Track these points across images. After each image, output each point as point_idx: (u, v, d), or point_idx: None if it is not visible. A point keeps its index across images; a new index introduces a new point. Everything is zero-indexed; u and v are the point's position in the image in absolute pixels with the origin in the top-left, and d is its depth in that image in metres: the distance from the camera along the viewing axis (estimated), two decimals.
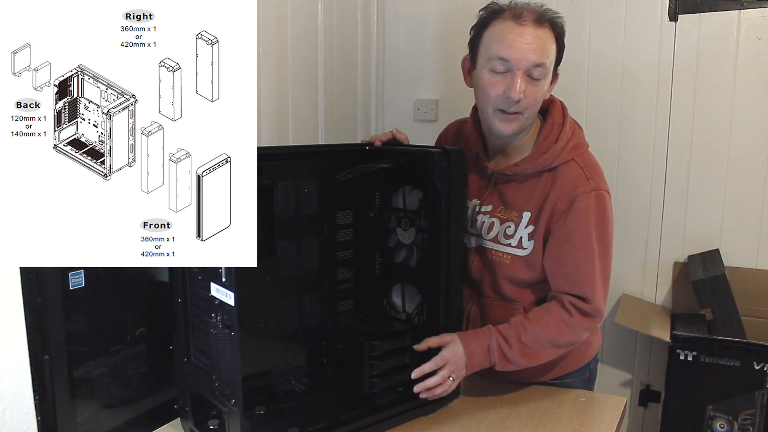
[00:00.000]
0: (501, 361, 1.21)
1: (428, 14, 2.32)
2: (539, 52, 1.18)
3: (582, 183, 1.23)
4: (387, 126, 2.42)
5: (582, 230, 1.22)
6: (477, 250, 1.34)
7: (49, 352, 1.03)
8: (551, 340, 1.23)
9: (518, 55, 1.18)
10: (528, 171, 1.27)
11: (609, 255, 1.27)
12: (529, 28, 1.18)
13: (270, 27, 1.75)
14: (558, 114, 1.30)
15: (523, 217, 1.27)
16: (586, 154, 1.28)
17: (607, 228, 1.25)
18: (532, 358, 1.23)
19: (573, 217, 1.22)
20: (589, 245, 1.22)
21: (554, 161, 1.25)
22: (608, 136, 2.11)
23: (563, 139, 1.26)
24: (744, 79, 1.96)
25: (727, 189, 2.03)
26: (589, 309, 1.23)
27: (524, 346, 1.21)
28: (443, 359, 1.18)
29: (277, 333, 1.20)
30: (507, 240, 1.28)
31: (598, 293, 1.24)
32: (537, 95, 1.22)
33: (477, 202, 1.34)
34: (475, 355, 1.20)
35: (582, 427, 1.21)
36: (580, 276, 1.23)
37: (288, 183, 1.16)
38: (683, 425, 1.88)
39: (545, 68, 1.20)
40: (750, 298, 1.95)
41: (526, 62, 1.18)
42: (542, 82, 1.22)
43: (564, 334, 1.23)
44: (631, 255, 2.16)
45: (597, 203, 1.23)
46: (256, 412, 1.15)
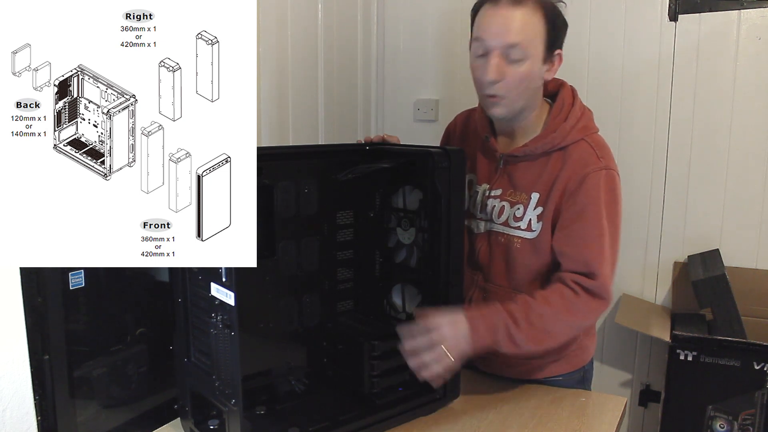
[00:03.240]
0: (507, 342, 1.14)
1: (428, 14, 2.32)
2: (513, 32, 1.16)
3: (593, 161, 1.21)
4: (387, 126, 2.42)
5: (592, 208, 1.20)
6: (486, 235, 1.33)
7: (49, 352, 1.03)
8: (558, 320, 1.17)
9: (491, 35, 1.17)
10: (537, 151, 1.26)
11: (617, 236, 1.23)
12: (502, 9, 1.17)
13: (270, 27, 1.75)
14: (568, 96, 1.29)
15: (531, 198, 1.25)
16: (596, 135, 1.28)
17: (617, 208, 1.23)
18: (539, 342, 1.17)
19: (583, 195, 1.20)
20: (599, 223, 1.20)
21: (564, 140, 1.24)
22: (608, 136, 2.07)
23: (572, 118, 1.25)
24: (744, 79, 1.96)
25: (727, 189, 2.03)
26: (594, 286, 1.17)
27: (532, 328, 1.14)
28: (441, 336, 1.10)
29: (277, 333, 1.20)
30: (516, 223, 1.27)
31: (606, 271, 1.19)
32: (519, 77, 1.19)
33: (487, 186, 1.33)
34: (480, 332, 1.13)
35: (582, 427, 1.21)
36: (588, 253, 1.19)
37: (288, 183, 1.16)
38: (683, 425, 1.89)
39: (524, 47, 1.17)
40: (750, 298, 1.95)
41: (498, 41, 1.17)
42: (524, 63, 1.18)
43: (570, 312, 1.17)
44: (631, 255, 2.16)
45: (607, 182, 1.21)
46: (256, 412, 1.15)
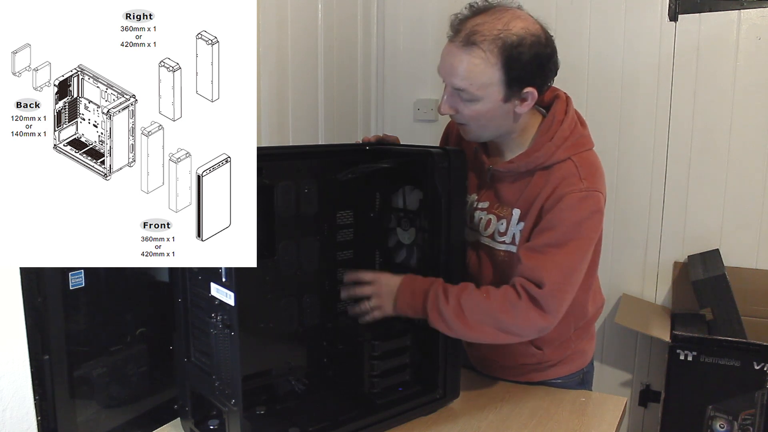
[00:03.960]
0: (432, 311, 1.15)
1: (428, 14, 2.32)
2: (458, 77, 1.14)
3: (573, 182, 1.17)
4: (387, 126, 2.43)
5: (560, 228, 1.15)
6: (474, 245, 1.32)
7: (49, 352, 1.03)
8: (491, 314, 1.14)
9: (443, 72, 1.18)
10: (520, 169, 1.22)
11: (582, 259, 1.18)
12: (453, 48, 1.14)
13: (270, 27, 1.75)
14: (560, 111, 1.24)
15: (513, 214, 1.24)
16: (586, 154, 1.22)
17: (590, 232, 1.17)
18: (466, 325, 1.14)
19: (556, 213, 1.16)
20: (562, 239, 1.15)
21: (548, 159, 1.20)
22: (608, 136, 2.11)
23: (559, 137, 1.20)
24: (744, 79, 1.96)
25: (727, 189, 2.03)
26: (539, 295, 1.12)
27: (460, 308, 1.13)
28: (373, 289, 1.20)
29: (277, 333, 1.20)
30: (501, 237, 1.26)
31: (554, 283, 1.13)
32: (473, 114, 1.17)
33: (475, 197, 1.32)
34: (407, 293, 1.18)
35: (582, 427, 1.21)
36: (541, 263, 1.15)
37: (288, 183, 1.16)
38: (683, 425, 1.89)
39: (471, 92, 1.14)
40: (750, 298, 1.95)
41: (448, 81, 1.17)
42: (477, 103, 1.16)
43: (507, 313, 1.14)
44: (631, 255, 2.16)
45: (584, 204, 1.16)
46: (256, 412, 1.15)
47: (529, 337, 1.23)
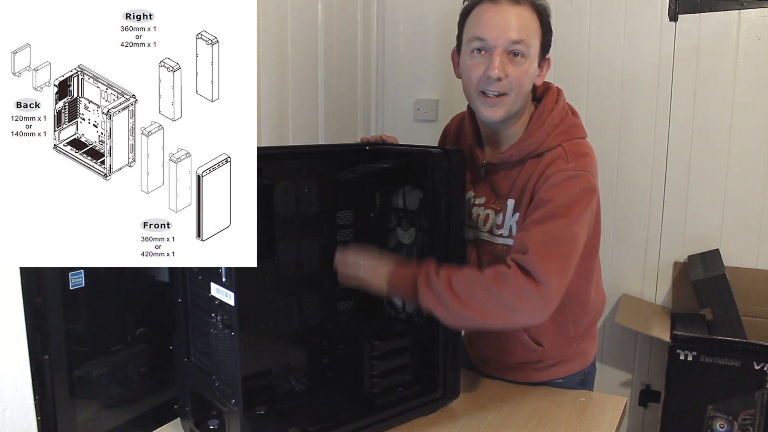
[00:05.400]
0: (423, 287, 1.13)
1: (428, 14, 2.32)
2: (517, 29, 1.16)
3: (560, 164, 1.17)
4: (387, 126, 2.42)
5: (548, 205, 1.15)
6: (474, 242, 1.33)
7: (49, 352, 1.03)
8: (483, 286, 1.11)
9: (494, 33, 1.17)
10: (513, 158, 1.24)
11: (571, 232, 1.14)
12: (504, 6, 1.17)
13: (270, 27, 1.75)
14: (551, 100, 1.25)
15: (507, 205, 1.25)
16: (576, 141, 1.22)
17: (578, 210, 1.15)
18: (459, 302, 1.11)
19: (542, 194, 1.16)
20: (550, 217, 1.14)
21: (540, 147, 1.21)
22: (608, 136, 2.11)
23: (549, 124, 1.22)
24: (744, 79, 1.96)
25: (727, 189, 2.03)
26: (526, 262, 1.09)
27: (450, 281, 1.12)
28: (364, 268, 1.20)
29: (277, 333, 1.20)
30: (499, 230, 1.26)
31: (541, 247, 1.11)
32: (521, 75, 1.19)
33: (472, 194, 1.33)
34: (399, 274, 1.17)
35: (582, 427, 1.21)
36: (528, 236, 1.13)
37: (288, 183, 1.16)
38: (683, 425, 1.89)
39: (526, 45, 1.18)
40: (750, 298, 1.95)
41: (503, 39, 1.17)
42: (526, 61, 1.19)
43: (497, 282, 1.11)
44: (631, 255, 2.16)
45: (571, 183, 1.15)
46: (256, 412, 1.15)
47: (529, 316, 1.15)
